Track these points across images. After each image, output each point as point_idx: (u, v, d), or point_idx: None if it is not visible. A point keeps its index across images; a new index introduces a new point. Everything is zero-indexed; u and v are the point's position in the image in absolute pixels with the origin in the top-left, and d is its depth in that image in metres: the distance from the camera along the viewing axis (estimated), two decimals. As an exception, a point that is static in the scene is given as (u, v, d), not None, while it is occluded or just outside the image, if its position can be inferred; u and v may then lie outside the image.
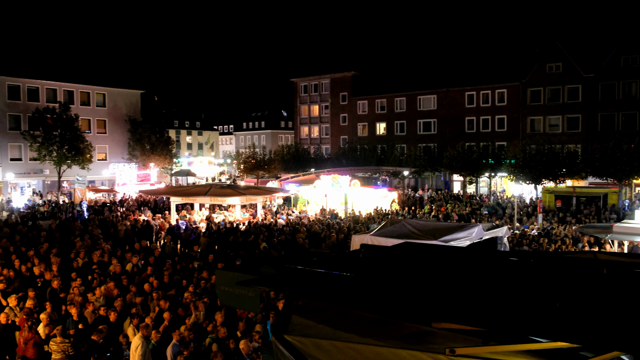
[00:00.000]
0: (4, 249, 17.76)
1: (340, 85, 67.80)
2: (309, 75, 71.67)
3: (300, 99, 73.31)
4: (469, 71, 57.12)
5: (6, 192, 46.45)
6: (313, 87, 71.55)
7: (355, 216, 29.87)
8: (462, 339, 3.28)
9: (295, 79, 73.31)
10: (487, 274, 4.29)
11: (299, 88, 73.27)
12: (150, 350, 9.81)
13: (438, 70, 60.67)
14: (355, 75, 66.59)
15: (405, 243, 6.84)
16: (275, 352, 4.06)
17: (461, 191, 50.16)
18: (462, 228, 15.86)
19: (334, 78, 68.52)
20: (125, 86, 58.13)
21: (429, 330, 3.38)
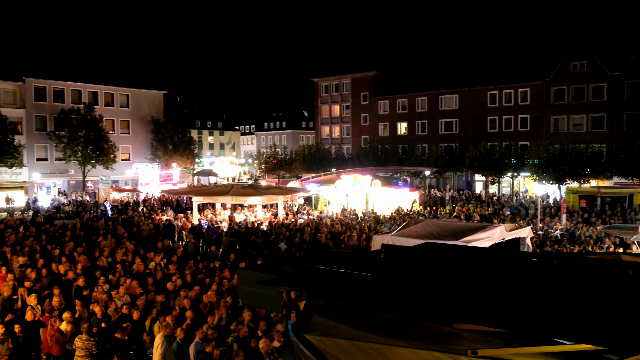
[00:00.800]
0: (30, 248, 18.09)
1: (361, 85, 67.66)
2: (330, 75, 71.67)
3: (321, 98, 73.32)
4: (492, 70, 56.57)
5: (32, 191, 47.27)
6: (334, 87, 71.52)
7: (376, 216, 29.79)
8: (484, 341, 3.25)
9: (316, 79, 73.36)
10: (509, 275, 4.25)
11: (320, 88, 73.30)
12: (176, 348, 9.90)
13: (460, 70, 60.19)
14: (376, 75, 66.39)
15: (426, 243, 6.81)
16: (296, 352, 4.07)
17: (483, 191, 49.70)
18: (484, 228, 15.72)
19: (355, 78, 68.40)
20: (148, 87, 58.77)
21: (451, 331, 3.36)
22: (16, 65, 49.92)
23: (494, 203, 37.72)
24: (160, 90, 59.99)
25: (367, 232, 23.39)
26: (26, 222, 25.37)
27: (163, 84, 61.27)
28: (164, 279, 14.36)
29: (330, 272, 4.33)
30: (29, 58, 52.69)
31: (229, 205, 31.34)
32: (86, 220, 26.19)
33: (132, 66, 60.88)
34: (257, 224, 24.80)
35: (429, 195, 43.14)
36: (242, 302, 9.98)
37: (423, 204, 36.43)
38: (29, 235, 20.82)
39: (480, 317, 3.16)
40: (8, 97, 48.34)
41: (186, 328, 10.43)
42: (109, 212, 32.14)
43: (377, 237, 16.67)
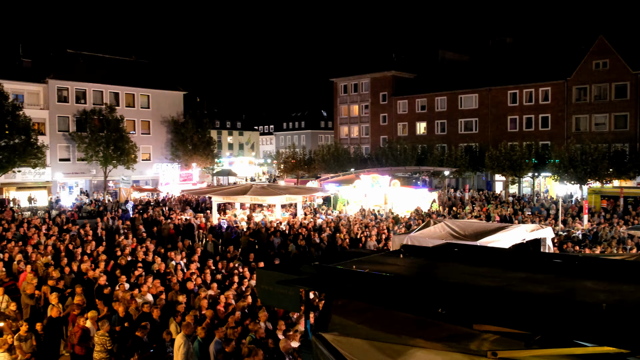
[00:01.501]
0: (52, 247, 18.36)
1: (380, 85, 67.47)
2: (348, 75, 71.56)
3: (340, 98, 73.25)
4: (512, 69, 55.98)
5: (55, 191, 47.96)
6: (353, 87, 71.41)
7: (395, 216, 29.69)
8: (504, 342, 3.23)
9: (335, 79, 73.30)
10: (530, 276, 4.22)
11: (339, 88, 73.23)
12: (197, 347, 9.98)
13: (479, 69, 59.71)
14: (395, 75, 66.17)
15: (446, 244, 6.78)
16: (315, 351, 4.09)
17: (503, 191, 49.26)
18: (505, 229, 15.57)
19: (374, 78, 68.22)
20: (168, 88, 59.28)
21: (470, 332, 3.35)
22: (40, 67, 50.69)
23: (514, 203, 37.36)
24: (180, 91, 60.47)
25: (385, 232, 23.32)
26: (49, 222, 25.73)
27: (183, 84, 61.85)
28: (183, 278, 14.47)
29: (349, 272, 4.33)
30: (52, 60, 53.48)
31: (248, 205, 31.46)
32: (107, 219, 26.49)
33: (153, 67, 61.47)
34: (276, 224, 24.86)
35: (448, 195, 42.86)
36: (260, 302, 10.01)
37: (442, 204, 36.19)
38: (51, 234, 21.13)
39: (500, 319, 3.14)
40: (32, 99, 49.09)
41: (206, 327, 10.49)
42: (130, 211, 32.47)
43: (396, 237, 16.60)
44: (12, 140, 40.39)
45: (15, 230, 21.88)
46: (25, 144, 41.12)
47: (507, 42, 63.79)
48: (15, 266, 15.85)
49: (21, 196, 44.02)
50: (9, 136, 40.33)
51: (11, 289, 14.05)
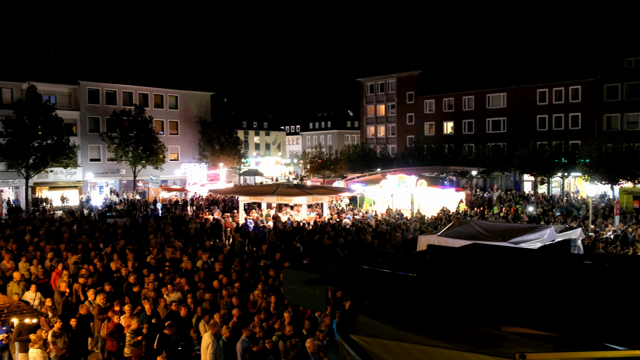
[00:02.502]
0: (83, 245, 18.71)
1: (407, 84, 67.15)
2: (375, 74, 71.41)
3: (367, 98, 73.13)
4: (541, 67, 55.19)
5: (86, 191, 48.85)
6: (379, 86, 71.22)
7: (421, 216, 29.53)
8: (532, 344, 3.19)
9: (361, 78, 73.21)
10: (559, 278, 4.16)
11: (365, 87, 73.12)
12: (222, 347, 10.07)
13: (508, 67, 58.98)
14: (422, 74, 65.78)
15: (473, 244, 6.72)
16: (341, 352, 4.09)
17: (532, 192, 48.58)
18: (533, 229, 15.37)
19: (400, 77, 67.93)
20: (196, 88, 59.89)
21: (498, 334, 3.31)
22: (71, 69, 51.68)
23: (543, 203, 36.81)
24: (207, 92, 61.04)
25: (412, 232, 23.21)
26: (80, 221, 26.22)
27: (211, 85, 62.39)
28: (210, 277, 14.61)
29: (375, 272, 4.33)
30: (83, 62, 54.49)
31: (274, 205, 31.61)
32: (137, 218, 26.86)
33: (181, 68, 62.29)
34: (302, 224, 24.93)
35: (475, 195, 42.46)
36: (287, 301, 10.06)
37: (470, 204, 35.86)
38: (82, 233, 21.54)
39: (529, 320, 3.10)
40: (63, 100, 50.09)
41: (232, 326, 10.58)
42: (159, 211, 32.90)
43: (423, 237, 16.52)
44: (44, 141, 41.26)
45: (48, 229, 22.37)
46: (58, 145, 41.97)
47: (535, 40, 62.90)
48: (47, 264, 16.20)
49: (53, 195, 44.96)
50: (42, 137, 41.21)
51: (44, 287, 14.36)
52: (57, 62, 52.83)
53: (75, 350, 11.32)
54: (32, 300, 12.99)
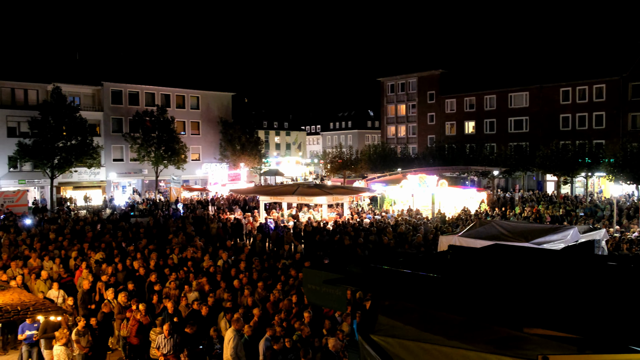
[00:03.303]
0: (106, 244, 18.96)
1: (428, 84, 66.79)
2: (395, 74, 71.14)
3: (387, 98, 72.91)
4: (564, 66, 54.46)
5: (109, 190, 49.48)
6: (400, 86, 70.95)
7: (442, 216, 29.35)
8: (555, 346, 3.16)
9: (382, 78, 73.01)
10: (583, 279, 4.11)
11: (386, 87, 72.90)
12: (243, 343, 10.14)
13: (530, 66, 58.32)
14: (443, 73, 65.38)
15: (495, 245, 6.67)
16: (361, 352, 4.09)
17: (555, 192, 47.97)
18: (556, 230, 15.18)
19: (421, 76, 67.59)
20: (217, 89, 60.28)
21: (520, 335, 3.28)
22: (95, 70, 52.40)
23: (566, 204, 36.34)
24: (229, 92, 61.38)
25: (433, 232, 23.10)
26: (103, 220, 26.56)
27: (232, 85, 62.69)
28: (231, 276, 14.69)
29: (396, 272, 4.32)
30: (107, 63, 55.20)
31: (294, 205, 31.67)
32: (159, 218, 27.12)
33: (202, 69, 62.64)
34: (323, 224, 24.95)
35: (497, 195, 42.07)
36: (307, 301, 10.08)
37: (491, 204, 35.55)
38: (105, 232, 21.83)
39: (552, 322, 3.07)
40: (87, 101, 50.80)
41: (253, 325, 10.64)
42: (180, 210, 33.17)
43: (444, 237, 16.42)
44: (69, 142, 41.90)
45: (72, 228, 22.70)
46: (82, 145, 42.59)
47: (559, 39, 62.03)
48: (71, 263, 16.44)
49: (77, 195, 45.64)
50: (67, 137, 41.85)
51: (68, 285, 14.58)
52: (81, 64, 53.60)
53: (97, 348, 11.48)
54: (55, 298, 13.20)
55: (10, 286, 11.75)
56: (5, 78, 45.14)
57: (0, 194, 36.24)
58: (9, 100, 45.34)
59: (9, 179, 44.21)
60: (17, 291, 10.72)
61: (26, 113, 44.17)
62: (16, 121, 44.77)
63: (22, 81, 45.93)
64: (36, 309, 9.57)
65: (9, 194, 36.59)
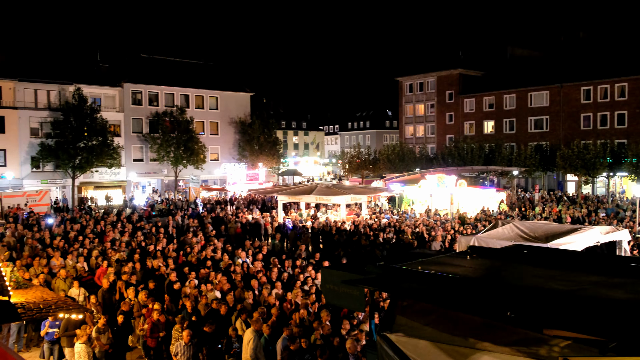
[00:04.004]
0: (127, 244, 19.15)
1: (447, 83, 66.41)
2: (414, 73, 70.83)
3: (405, 98, 72.62)
4: (585, 64, 53.74)
5: (129, 190, 50.00)
6: (418, 85, 70.64)
7: (461, 216, 29.17)
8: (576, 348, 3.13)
9: (400, 78, 72.74)
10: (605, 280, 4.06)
11: (404, 87, 72.62)
12: (263, 344, 10.18)
13: (550, 65, 57.68)
14: (462, 73, 64.97)
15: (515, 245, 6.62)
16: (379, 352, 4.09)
17: (576, 192, 47.39)
18: (577, 231, 14.97)
19: (440, 76, 67.22)
20: (236, 89, 60.57)
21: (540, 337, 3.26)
22: (116, 71, 53.00)
23: (587, 204, 35.88)
24: (247, 92, 61.64)
25: (451, 233, 22.96)
26: (123, 219, 26.84)
27: (250, 86, 62.94)
28: (250, 276, 14.75)
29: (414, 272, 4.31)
30: (127, 65, 55.80)
31: (313, 205, 31.70)
32: (178, 218, 27.34)
33: (221, 69, 62.96)
34: (341, 224, 24.94)
35: (517, 195, 41.67)
36: (326, 301, 10.08)
37: (511, 204, 35.23)
38: (125, 231, 22.05)
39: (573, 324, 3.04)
40: (108, 102, 51.38)
41: (272, 325, 10.67)
42: (199, 210, 33.39)
43: (463, 238, 16.30)
44: (90, 142, 42.43)
45: (93, 227, 22.98)
46: (102, 145, 43.11)
47: (580, 37, 61.22)
48: (93, 261, 16.64)
49: (98, 195, 46.22)
50: (88, 138, 42.39)
51: (89, 283, 14.76)
52: (102, 65, 54.27)
53: (117, 346, 11.61)
54: (76, 297, 13.36)
55: (33, 284, 11.91)
56: (28, 79, 45.87)
57: (24, 193, 36.90)
58: (31, 101, 46.06)
59: (31, 179, 44.91)
60: (39, 289, 10.85)
61: (48, 114, 44.92)
62: (39, 122, 45.46)
63: (45, 82, 46.67)
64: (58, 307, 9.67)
65: (32, 193, 37.24)
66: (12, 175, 43.66)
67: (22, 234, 21.08)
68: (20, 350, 12.85)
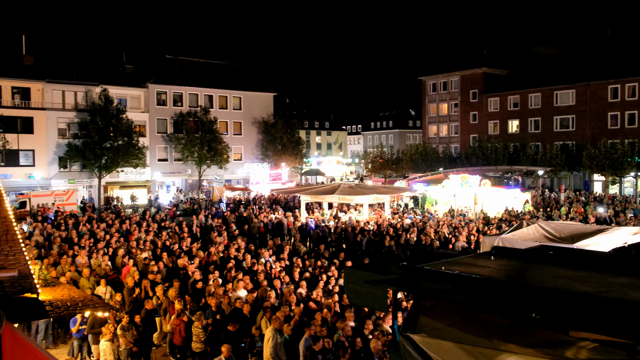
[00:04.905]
0: (151, 243, 19.37)
1: (471, 83, 65.83)
2: (437, 73, 70.38)
3: (429, 97, 72.21)
4: (612, 62, 52.79)
5: (154, 190, 50.57)
6: (442, 85, 70.17)
7: (485, 216, 28.90)
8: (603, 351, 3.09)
9: (423, 77, 72.34)
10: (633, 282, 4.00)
11: (428, 86, 72.20)
12: (283, 343, 10.22)
13: (576, 63, 56.79)
14: (486, 72, 64.36)
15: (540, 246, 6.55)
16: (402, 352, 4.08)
17: (603, 192, 46.60)
18: (604, 231, 14.73)
19: (464, 75, 66.67)
20: (259, 89, 60.86)
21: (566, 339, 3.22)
22: (141, 72, 53.66)
23: (614, 204, 35.25)
24: (270, 93, 61.89)
25: (475, 233, 22.76)
26: (148, 219, 27.16)
27: (273, 86, 63.19)
28: (272, 275, 14.81)
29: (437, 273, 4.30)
30: (152, 66, 56.46)
31: (335, 205, 31.70)
32: (202, 217, 27.56)
33: (244, 70, 63.32)
34: (364, 224, 24.90)
35: (542, 195, 41.15)
36: (348, 301, 10.07)
37: (536, 205, 34.79)
38: (150, 230, 22.32)
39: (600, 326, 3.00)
40: (134, 103, 52.04)
41: (294, 325, 10.70)
42: (223, 210, 33.62)
43: (487, 238, 16.15)
44: (116, 142, 43.04)
45: (119, 227, 23.29)
46: (128, 146, 43.69)
47: (607, 34, 60.15)
48: (118, 260, 16.87)
49: (124, 194, 46.83)
50: (114, 138, 43.01)
51: (115, 282, 14.97)
52: (127, 67, 55.01)
53: (142, 344, 11.75)
54: (103, 295, 13.55)
55: (60, 282, 12.14)
56: (56, 81, 46.74)
57: (52, 193, 37.62)
58: (59, 103, 46.91)
59: (59, 179, 45.73)
60: (66, 287, 11.05)
61: (76, 115, 45.67)
62: (66, 122, 46.28)
63: (72, 84, 47.50)
64: (84, 304, 9.84)
65: (60, 192, 37.96)
66: (40, 175, 44.52)
67: (50, 233, 21.49)
68: (48, 347, 13.08)
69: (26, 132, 44.42)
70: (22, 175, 43.75)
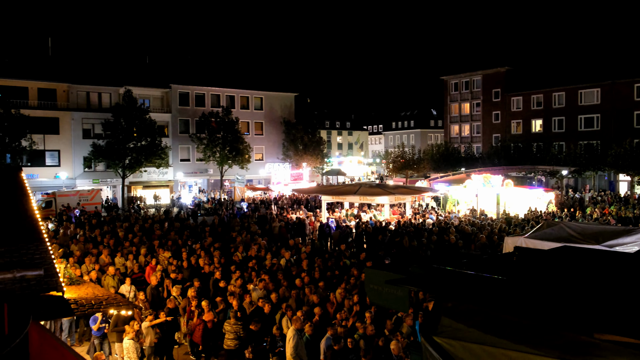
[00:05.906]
0: (173, 242, 19.55)
1: (493, 82, 65.24)
2: (459, 72, 69.91)
3: (451, 96, 71.74)
4: (638, 60, 51.86)
5: (176, 189, 51.04)
6: (464, 84, 69.66)
7: (508, 217, 28.60)
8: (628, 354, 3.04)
9: (445, 76, 71.92)
10: (659, 284, 3.93)
11: (449, 86, 71.74)
12: (304, 342, 10.24)
13: (601, 61, 55.91)
14: (508, 71, 63.72)
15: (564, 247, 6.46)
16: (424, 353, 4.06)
17: (629, 192, 45.81)
18: (630, 232, 14.47)
19: (486, 74, 66.10)
20: (280, 89, 61.07)
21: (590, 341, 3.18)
22: (163, 73, 54.20)
23: (641, 205, 34.60)
24: (291, 93, 62.05)
25: (497, 233, 22.54)
26: (171, 218, 27.40)
27: (294, 86, 63.36)
28: (293, 275, 14.84)
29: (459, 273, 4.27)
30: (174, 67, 57.00)
31: (356, 205, 31.66)
32: (223, 217, 27.73)
33: (266, 70, 63.68)
34: (385, 224, 24.82)
35: (566, 196, 40.60)
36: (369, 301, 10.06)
37: (560, 205, 34.32)
38: (173, 230, 22.52)
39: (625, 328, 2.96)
40: (156, 103, 52.60)
41: (314, 324, 10.71)
42: (244, 209, 33.80)
43: (509, 239, 15.98)
44: (139, 142, 43.53)
45: (142, 226, 23.55)
46: (151, 146, 44.14)
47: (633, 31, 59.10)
48: (141, 259, 17.06)
49: (147, 194, 47.35)
50: (137, 138, 43.51)
51: (139, 280, 15.14)
52: (150, 68, 55.61)
53: (164, 342, 11.87)
54: (127, 293, 13.72)
55: (84, 281, 12.31)
56: (81, 82, 47.48)
57: (76, 192, 38.20)
58: (84, 104, 47.64)
59: (84, 179, 46.44)
60: (90, 286, 11.20)
61: (100, 115, 46.35)
62: (91, 123, 47.00)
63: (96, 85, 48.25)
64: (108, 303, 9.96)
65: (84, 192, 38.55)
66: (65, 175, 45.25)
67: (74, 232, 21.81)
68: (72, 344, 13.27)
69: (52, 133, 45.21)
70: (48, 175, 44.52)
